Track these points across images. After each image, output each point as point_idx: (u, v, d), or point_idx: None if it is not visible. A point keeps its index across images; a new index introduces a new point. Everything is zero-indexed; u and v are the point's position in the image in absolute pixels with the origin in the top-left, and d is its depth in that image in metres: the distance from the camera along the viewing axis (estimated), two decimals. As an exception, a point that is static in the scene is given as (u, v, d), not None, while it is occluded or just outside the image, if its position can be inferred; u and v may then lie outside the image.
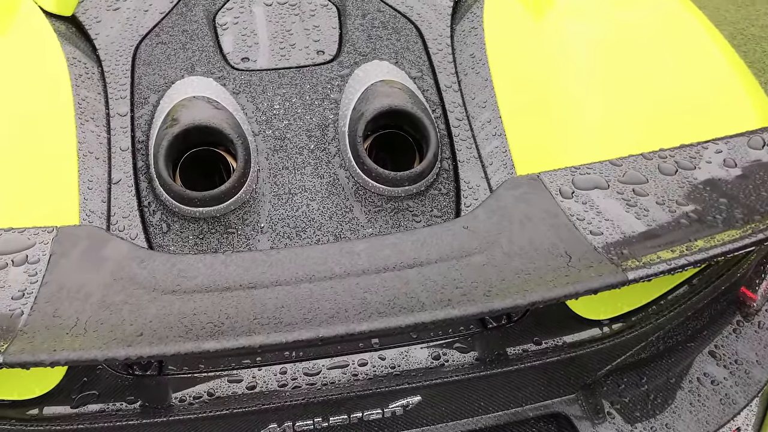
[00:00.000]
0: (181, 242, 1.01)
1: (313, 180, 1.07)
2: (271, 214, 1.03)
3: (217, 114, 1.08)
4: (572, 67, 1.16)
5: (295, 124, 1.14)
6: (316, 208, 1.04)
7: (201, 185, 1.15)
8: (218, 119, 1.06)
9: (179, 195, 1.01)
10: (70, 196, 1.03)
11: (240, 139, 1.05)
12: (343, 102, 1.16)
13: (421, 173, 1.05)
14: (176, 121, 1.06)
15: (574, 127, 1.10)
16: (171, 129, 1.04)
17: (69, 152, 1.08)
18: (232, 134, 1.04)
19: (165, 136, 1.03)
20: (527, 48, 1.23)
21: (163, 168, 1.01)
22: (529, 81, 1.18)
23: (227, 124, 1.06)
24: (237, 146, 1.04)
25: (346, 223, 1.03)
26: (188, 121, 1.05)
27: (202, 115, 1.07)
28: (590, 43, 1.19)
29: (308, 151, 1.11)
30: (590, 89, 1.13)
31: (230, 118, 1.09)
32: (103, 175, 1.07)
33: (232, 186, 1.01)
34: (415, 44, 1.28)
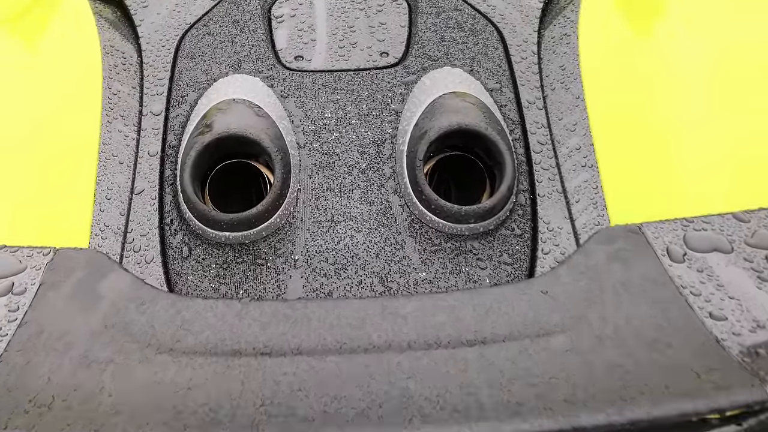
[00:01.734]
0: (201, 271, 0.84)
1: (360, 206, 0.89)
2: (307, 245, 0.85)
3: (257, 122, 0.91)
4: (688, 90, 0.93)
5: (346, 138, 0.95)
6: (361, 241, 0.86)
7: (235, 200, 0.98)
8: (257, 128, 0.89)
9: (204, 216, 0.84)
10: (85, 206, 0.88)
11: (279, 154, 0.87)
12: (405, 115, 0.97)
13: (491, 209, 0.85)
14: (209, 127, 0.89)
15: (688, 165, 0.87)
16: (202, 137, 0.87)
17: (89, 154, 0.93)
18: (271, 147, 0.87)
19: (194, 145, 0.87)
20: (631, 62, 1.00)
21: (189, 182, 0.84)
22: (631, 102, 0.96)
23: (267, 134, 0.88)
24: (275, 162, 0.86)
25: (394, 263, 0.84)
26: (222, 128, 0.88)
27: (240, 122, 0.89)
28: (712, 61, 0.95)
29: (359, 171, 0.92)
30: (711, 119, 0.90)
31: (272, 128, 0.91)
32: (126, 183, 0.92)
33: (265, 209, 0.84)
34: (494, 50, 1.07)
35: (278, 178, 0.85)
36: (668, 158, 0.88)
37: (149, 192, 0.90)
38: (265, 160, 0.90)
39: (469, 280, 0.83)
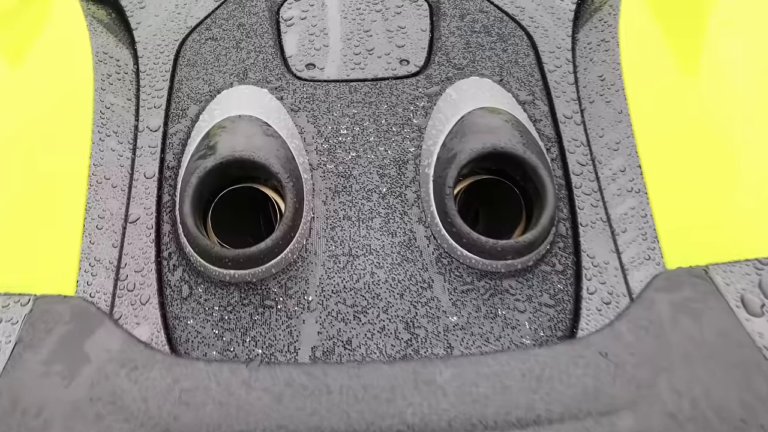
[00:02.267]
0: (203, 314, 0.74)
1: (381, 237, 0.79)
2: (322, 284, 0.75)
3: (266, 143, 0.81)
4: (756, 105, 0.82)
5: (364, 157, 0.85)
6: (382, 278, 0.75)
7: (239, 225, 0.88)
8: (266, 150, 0.78)
9: (206, 252, 0.74)
10: (72, 237, 0.78)
11: (291, 180, 0.76)
12: (429, 132, 0.86)
13: (531, 244, 0.74)
14: (212, 149, 0.79)
15: (757, 193, 0.76)
16: (204, 161, 0.77)
17: (78, 177, 0.82)
18: (282, 173, 0.76)
19: (196, 170, 0.76)
20: (683, 72, 0.89)
21: (189, 212, 0.74)
22: (684, 118, 0.85)
23: (276, 158, 0.78)
24: (286, 189, 0.76)
25: (421, 305, 0.74)
26: (227, 151, 0.77)
27: (247, 143, 0.79)
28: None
29: (378, 196, 0.82)
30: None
31: (282, 149, 0.81)
32: (119, 210, 0.81)
33: (275, 243, 0.74)
34: (525, 57, 0.96)
35: (290, 207, 0.75)
36: (732, 184, 0.77)
37: (145, 220, 0.80)
38: (273, 184, 0.80)
39: (506, 325, 0.73)
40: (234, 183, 0.81)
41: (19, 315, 0.62)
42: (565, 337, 0.73)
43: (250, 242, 0.92)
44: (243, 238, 0.92)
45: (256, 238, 0.92)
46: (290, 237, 0.76)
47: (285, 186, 0.75)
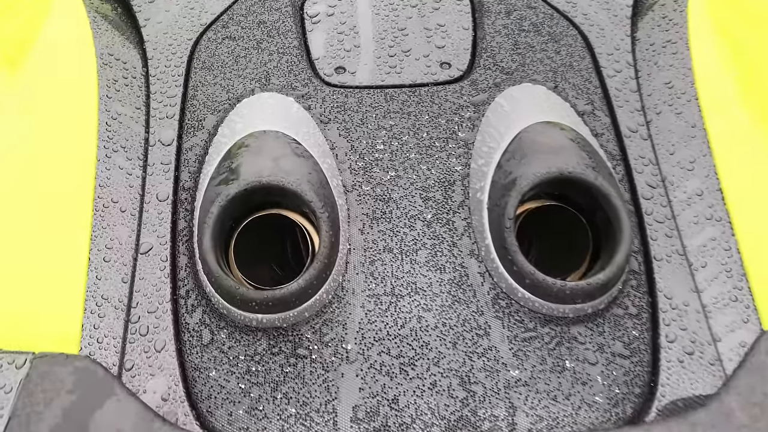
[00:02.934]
0: (227, 365, 0.65)
1: (428, 274, 0.68)
2: (363, 329, 0.65)
3: (297, 165, 0.70)
4: None
5: (405, 178, 0.75)
6: (432, 323, 0.65)
7: (264, 252, 0.78)
8: (297, 175, 0.68)
9: (229, 293, 0.64)
10: (75, 271, 0.68)
11: (326, 210, 0.66)
12: (479, 149, 0.76)
13: (604, 285, 0.64)
14: (235, 173, 0.69)
15: None
16: (226, 187, 0.67)
17: (81, 200, 0.72)
18: (316, 201, 0.66)
19: (217, 197, 0.66)
20: None
21: (210, 247, 0.64)
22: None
23: (309, 183, 0.68)
24: (321, 221, 0.66)
25: (477, 356, 0.64)
26: (252, 175, 0.67)
27: (274, 167, 0.69)
28: None
29: (423, 224, 0.71)
30: None
31: (314, 172, 0.71)
32: (129, 239, 0.71)
33: (308, 284, 0.64)
34: (581, 60, 0.85)
35: (325, 242, 0.64)
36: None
37: (159, 251, 0.70)
38: (302, 210, 0.69)
39: (576, 380, 0.63)
40: (258, 209, 0.71)
41: (14, 381, 0.52)
42: (644, 393, 0.63)
43: (274, 272, 0.82)
44: (267, 268, 0.82)
45: (282, 267, 0.82)
46: (325, 276, 0.66)
47: (320, 217, 0.65)
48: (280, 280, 0.80)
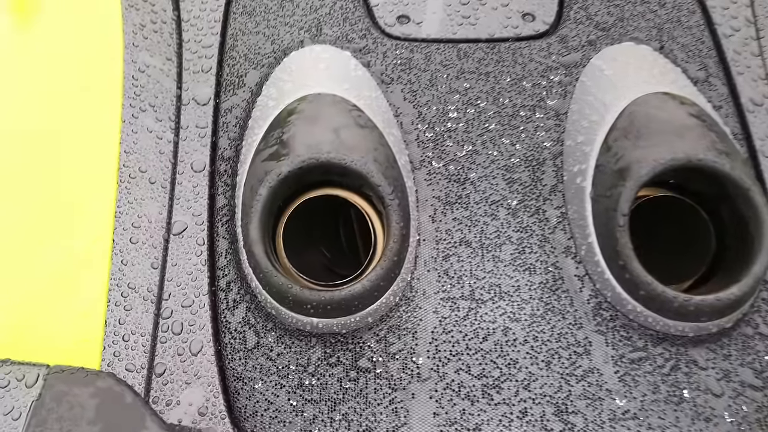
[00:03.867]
0: (275, 376, 0.54)
1: (515, 275, 0.57)
2: (437, 341, 0.54)
3: (360, 138, 0.58)
4: None
5: (483, 154, 0.62)
6: (520, 337, 0.54)
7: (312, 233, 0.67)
8: (361, 151, 0.56)
9: (280, 292, 0.53)
10: (96, 256, 0.58)
11: (396, 195, 0.54)
12: (576, 121, 0.63)
13: (738, 300, 0.52)
14: (287, 147, 0.57)
15: None
16: (277, 164, 0.55)
17: (104, 169, 0.61)
18: (384, 186, 0.54)
19: (266, 177, 0.55)
20: None
21: (257, 238, 0.53)
22: None
23: (376, 162, 0.56)
24: (390, 210, 0.54)
25: (576, 380, 0.53)
26: (308, 151, 0.55)
27: (335, 140, 0.56)
28: None
29: (507, 213, 0.60)
30: None
31: (381, 147, 0.59)
32: (159, 217, 0.61)
33: (374, 285, 0.53)
34: (690, 15, 0.71)
35: (395, 235, 0.53)
36: None
37: (194, 232, 0.59)
38: (363, 191, 0.58)
39: (696, 415, 0.52)
40: (311, 188, 0.59)
41: (23, 404, 0.42)
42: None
43: (323, 255, 0.71)
44: (314, 251, 0.71)
45: (331, 250, 0.71)
46: (393, 275, 0.54)
47: (389, 205, 0.54)
48: (330, 267, 0.69)
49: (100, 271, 0.57)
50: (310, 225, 0.67)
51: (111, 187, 0.61)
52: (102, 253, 0.58)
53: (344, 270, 0.69)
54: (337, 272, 0.69)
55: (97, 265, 0.57)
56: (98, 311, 0.56)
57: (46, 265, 0.57)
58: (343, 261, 0.69)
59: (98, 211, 0.59)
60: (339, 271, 0.69)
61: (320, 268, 0.68)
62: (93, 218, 0.59)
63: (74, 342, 0.54)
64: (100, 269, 0.57)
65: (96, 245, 0.58)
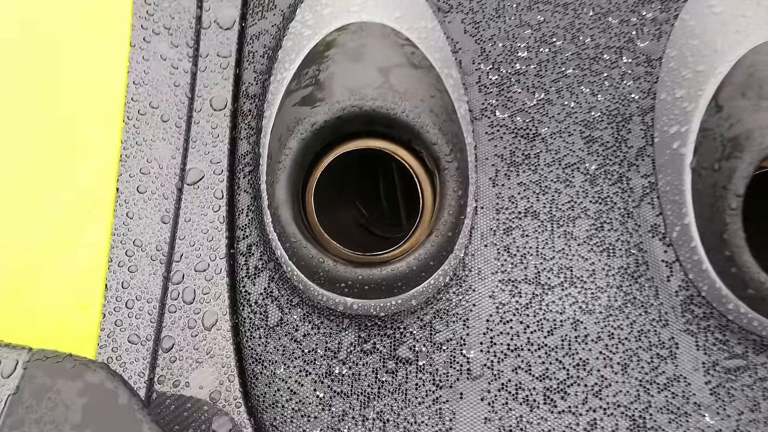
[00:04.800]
0: (300, 360, 0.46)
1: (590, 256, 0.47)
2: (492, 331, 0.46)
3: (414, 81, 0.47)
4: None
5: (558, 104, 0.52)
6: (592, 331, 0.45)
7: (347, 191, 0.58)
8: (415, 100, 0.45)
9: (310, 266, 0.44)
10: (97, 205, 0.50)
11: (453, 156, 0.44)
12: (674, 70, 0.52)
13: None
14: (323, 89, 0.47)
15: None
16: (312, 111, 0.45)
17: (108, 104, 0.52)
18: (441, 144, 0.44)
19: (297, 127, 0.45)
20: None
21: (285, 199, 0.44)
22: None
23: (433, 115, 0.45)
24: (446, 174, 0.44)
25: (657, 389, 0.44)
26: (350, 97, 0.45)
27: (384, 85, 0.46)
28: None
29: (584, 179, 0.49)
30: None
31: (437, 93, 0.48)
32: (171, 162, 0.52)
33: (422, 264, 0.43)
34: None
35: (450, 206, 0.43)
36: None
37: (211, 182, 0.50)
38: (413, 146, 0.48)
39: None
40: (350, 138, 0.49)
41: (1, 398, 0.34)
42: None
43: (359, 212, 0.62)
44: (348, 206, 0.62)
45: (369, 207, 0.62)
46: (445, 253, 0.45)
47: (445, 168, 0.44)
48: (366, 226, 0.60)
49: (101, 225, 0.49)
50: (345, 176, 0.58)
51: (116, 125, 0.52)
52: (104, 203, 0.50)
53: (383, 230, 0.60)
54: (374, 233, 0.60)
55: (98, 217, 0.49)
56: (98, 272, 0.48)
57: (38, 217, 0.49)
58: (382, 220, 0.60)
59: (100, 153, 0.51)
60: (376, 231, 0.60)
61: (354, 227, 0.59)
62: (94, 162, 0.50)
63: (70, 308, 0.46)
64: (101, 222, 0.49)
65: (97, 194, 0.50)
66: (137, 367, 0.46)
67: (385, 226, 0.60)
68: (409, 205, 0.59)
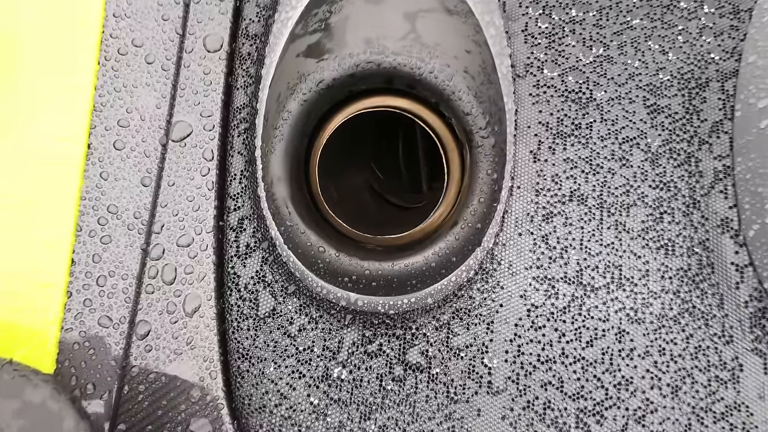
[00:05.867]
0: (294, 359, 0.40)
1: (644, 254, 0.39)
2: (520, 336, 0.39)
3: (447, 33, 0.38)
4: None
5: (619, 64, 0.43)
6: (639, 345, 0.38)
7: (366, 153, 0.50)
8: (447, 57, 0.36)
9: (310, 256, 0.37)
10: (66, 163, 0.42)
11: (490, 128, 0.36)
12: (763, 26, 0.42)
13: None
14: (334, 38, 0.38)
15: None
16: (318, 66, 0.37)
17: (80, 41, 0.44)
18: (476, 114, 0.36)
19: (298, 86, 0.36)
20: None
21: (281, 174, 0.36)
22: None
23: (468, 77, 0.36)
24: (479, 151, 0.36)
25: (713, 419, 0.37)
26: (362, 47, 0.36)
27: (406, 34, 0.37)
28: None
29: (644, 158, 0.41)
30: None
31: (475, 48, 0.39)
32: (155, 112, 0.44)
33: (443, 260, 0.36)
34: None
35: (483, 191, 0.35)
36: None
37: (200, 140, 0.43)
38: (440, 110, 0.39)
39: None
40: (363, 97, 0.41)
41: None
42: None
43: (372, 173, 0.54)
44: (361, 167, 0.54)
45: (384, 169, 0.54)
46: (471, 247, 0.38)
47: (479, 145, 0.35)
48: (381, 192, 0.52)
49: (68, 187, 0.42)
50: (359, 133, 0.50)
51: (90, 66, 0.43)
52: (72, 161, 0.42)
53: (400, 198, 0.52)
54: (390, 200, 0.52)
55: (66, 177, 0.42)
56: (63, 244, 0.41)
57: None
58: (399, 186, 0.52)
59: (69, 101, 0.43)
60: (392, 198, 0.52)
61: (366, 193, 0.52)
62: (62, 109, 0.43)
63: (30, 285, 0.40)
64: (70, 183, 0.42)
65: (66, 148, 0.42)
66: (107, 356, 0.40)
67: (402, 193, 0.52)
68: (432, 169, 0.51)
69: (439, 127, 0.40)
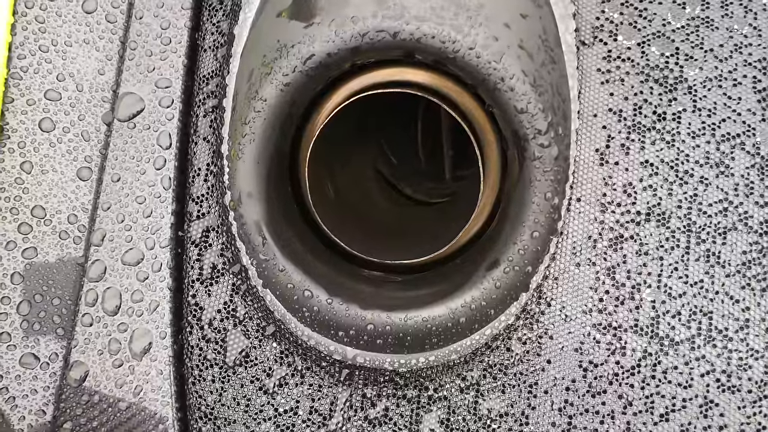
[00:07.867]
0: (272, 423, 0.30)
1: (743, 294, 0.29)
2: (573, 405, 0.29)
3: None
4: None
5: (721, 30, 0.31)
6: (732, 423, 0.28)
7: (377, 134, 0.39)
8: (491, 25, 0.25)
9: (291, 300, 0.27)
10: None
11: (551, 132, 0.25)
12: None
13: None
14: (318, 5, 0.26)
15: None
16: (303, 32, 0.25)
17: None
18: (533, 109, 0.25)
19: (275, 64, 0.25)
20: None
21: (252, 183, 0.25)
22: None
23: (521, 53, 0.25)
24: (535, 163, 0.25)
25: None
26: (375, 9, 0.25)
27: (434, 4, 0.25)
28: None
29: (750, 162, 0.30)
30: None
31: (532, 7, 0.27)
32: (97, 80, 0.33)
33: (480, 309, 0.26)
34: None
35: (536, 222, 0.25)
36: None
37: (154, 120, 0.33)
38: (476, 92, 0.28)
39: None
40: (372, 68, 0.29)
41: None
42: None
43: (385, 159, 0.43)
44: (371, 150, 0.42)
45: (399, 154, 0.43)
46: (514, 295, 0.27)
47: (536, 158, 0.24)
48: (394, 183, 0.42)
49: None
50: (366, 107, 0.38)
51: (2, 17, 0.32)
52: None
53: (416, 189, 0.41)
54: (404, 192, 0.41)
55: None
56: None
57: None
58: (416, 173, 0.41)
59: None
60: (406, 190, 0.41)
61: (375, 183, 0.41)
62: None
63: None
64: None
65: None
66: (32, 405, 0.31)
67: (419, 182, 0.41)
68: (457, 154, 0.40)
69: (473, 109, 0.29)
